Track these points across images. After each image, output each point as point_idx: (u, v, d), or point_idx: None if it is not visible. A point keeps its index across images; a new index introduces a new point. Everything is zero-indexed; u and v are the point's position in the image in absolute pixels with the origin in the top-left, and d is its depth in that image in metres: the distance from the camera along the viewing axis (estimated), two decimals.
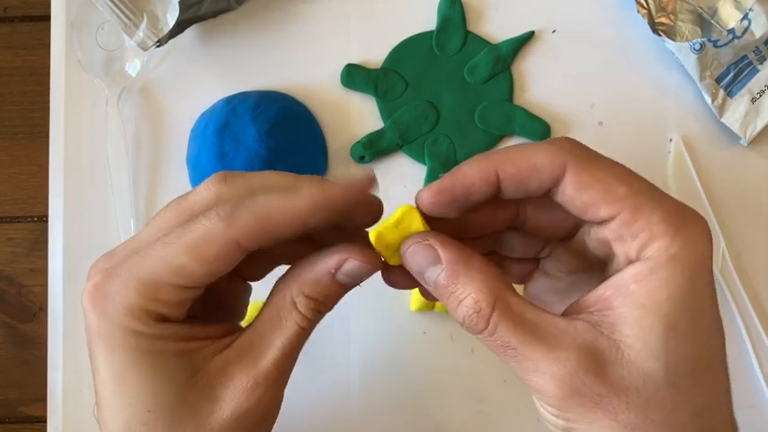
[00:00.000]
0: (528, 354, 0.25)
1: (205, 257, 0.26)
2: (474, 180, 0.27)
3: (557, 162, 0.26)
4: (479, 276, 0.26)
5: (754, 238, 0.44)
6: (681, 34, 0.43)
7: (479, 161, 0.27)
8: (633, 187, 0.26)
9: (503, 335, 0.26)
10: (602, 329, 0.25)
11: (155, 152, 0.45)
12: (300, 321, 0.28)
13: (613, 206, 0.26)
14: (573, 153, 0.26)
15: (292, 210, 0.26)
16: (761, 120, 0.43)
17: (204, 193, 0.28)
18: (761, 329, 0.42)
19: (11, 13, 0.48)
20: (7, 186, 0.47)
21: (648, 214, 0.26)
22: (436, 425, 0.44)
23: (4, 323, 0.47)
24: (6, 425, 0.46)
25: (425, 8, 0.45)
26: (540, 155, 0.27)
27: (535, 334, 0.25)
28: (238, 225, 0.26)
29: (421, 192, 0.28)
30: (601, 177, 0.26)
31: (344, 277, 0.28)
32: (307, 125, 0.44)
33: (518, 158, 0.27)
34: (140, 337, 0.27)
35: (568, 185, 0.26)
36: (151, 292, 0.26)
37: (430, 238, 0.27)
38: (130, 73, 0.45)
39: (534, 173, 0.26)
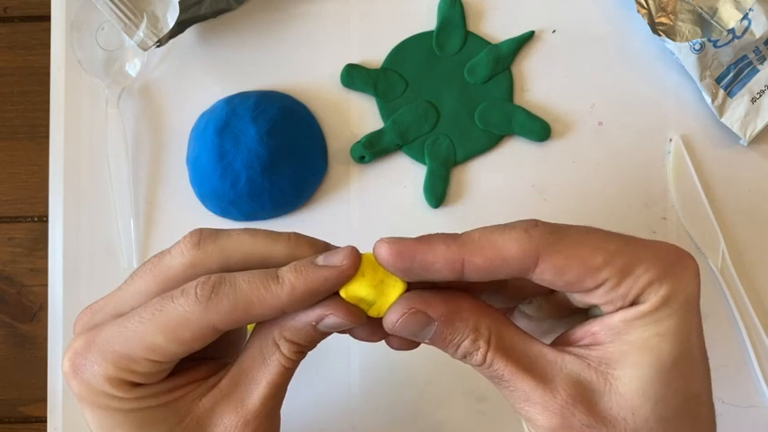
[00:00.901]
0: (519, 385, 0.26)
1: (180, 339, 0.26)
2: (436, 262, 0.26)
3: (527, 253, 0.25)
4: (472, 318, 0.27)
5: (754, 238, 0.44)
6: (681, 34, 0.43)
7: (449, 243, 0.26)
8: (609, 251, 0.25)
9: (497, 368, 0.26)
10: (590, 362, 0.26)
11: (155, 152, 0.45)
12: (284, 361, 0.28)
13: (596, 278, 0.25)
14: (541, 239, 0.25)
15: (272, 302, 0.26)
16: (761, 120, 0.43)
17: (178, 258, 0.27)
18: (761, 329, 0.42)
19: (11, 13, 0.48)
20: (7, 186, 0.47)
21: (632, 272, 0.25)
22: (436, 425, 0.44)
23: (4, 323, 0.47)
24: (6, 425, 0.46)
25: (425, 8, 0.45)
26: (508, 245, 0.25)
27: (526, 366, 0.26)
28: (215, 311, 0.26)
29: (380, 243, 0.26)
30: (576, 255, 0.25)
31: (326, 328, 0.27)
32: (307, 125, 0.44)
33: (487, 249, 0.25)
34: (122, 401, 0.27)
35: (546, 272, 0.26)
36: (126, 365, 0.27)
37: (414, 304, 0.26)
38: (130, 73, 0.45)
39: (504, 265, 0.26)
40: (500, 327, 0.27)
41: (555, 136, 0.44)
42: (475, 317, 0.27)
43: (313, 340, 0.28)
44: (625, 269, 0.25)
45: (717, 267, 0.43)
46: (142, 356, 0.26)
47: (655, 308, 0.25)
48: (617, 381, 0.25)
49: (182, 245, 0.27)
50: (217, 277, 0.26)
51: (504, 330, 0.27)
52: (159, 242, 0.45)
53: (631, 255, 0.26)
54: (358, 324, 0.27)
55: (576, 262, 0.25)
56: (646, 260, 0.25)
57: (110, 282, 0.44)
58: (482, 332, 0.26)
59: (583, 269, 0.25)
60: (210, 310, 0.26)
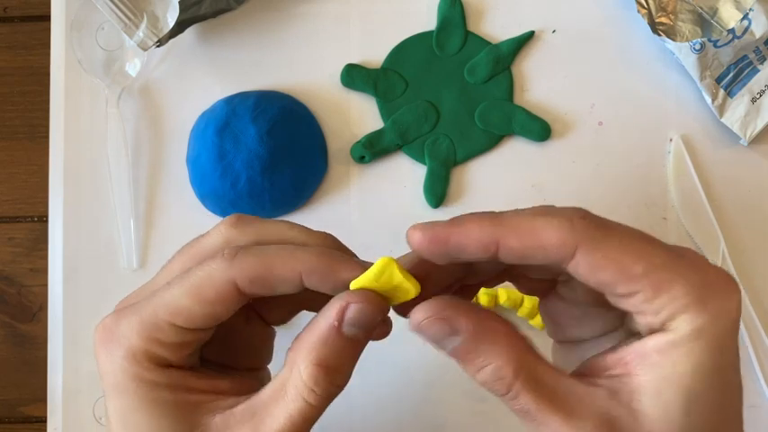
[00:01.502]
0: (546, 421, 0.25)
1: (204, 298, 0.26)
2: (471, 242, 0.25)
3: (567, 243, 0.24)
4: (501, 344, 0.25)
5: (754, 238, 0.44)
6: (681, 34, 0.43)
7: (484, 224, 0.25)
8: (652, 263, 0.24)
9: (523, 402, 0.25)
10: (620, 397, 0.25)
11: (155, 152, 0.45)
12: (308, 396, 0.26)
13: (631, 286, 0.24)
14: (585, 232, 0.24)
15: (293, 265, 0.26)
16: (761, 120, 0.43)
17: (215, 238, 0.28)
18: (761, 329, 0.42)
19: (11, 13, 0.48)
20: (7, 186, 0.47)
21: (670, 290, 0.24)
22: (436, 425, 0.44)
23: (4, 323, 0.47)
24: (6, 425, 0.46)
25: (425, 8, 0.45)
26: (548, 232, 0.24)
27: (554, 402, 0.25)
28: (238, 268, 0.26)
29: (412, 230, 0.26)
30: (615, 257, 0.24)
31: (350, 328, 0.26)
32: (307, 125, 0.44)
33: (525, 232, 0.25)
34: (140, 383, 0.27)
35: (581, 266, 0.25)
36: (151, 333, 0.27)
37: (446, 309, 0.25)
38: (130, 73, 0.45)
39: (540, 251, 0.25)
40: (530, 358, 0.25)
41: (555, 136, 0.44)
42: (506, 343, 0.25)
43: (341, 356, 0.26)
44: (662, 285, 0.24)
45: None
46: (166, 320, 0.26)
47: (688, 338, 0.24)
48: (646, 418, 0.24)
49: (220, 226, 0.28)
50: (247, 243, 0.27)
51: (535, 363, 0.25)
52: (159, 242, 0.45)
53: (673, 272, 0.24)
54: (380, 310, 0.26)
55: (614, 265, 0.24)
56: (687, 282, 0.24)
57: (110, 282, 0.44)
58: (510, 360, 0.25)
59: (619, 274, 0.24)
60: (234, 266, 0.26)
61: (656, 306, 0.24)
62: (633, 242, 0.25)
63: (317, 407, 0.27)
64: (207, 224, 0.44)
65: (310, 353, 0.26)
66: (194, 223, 0.44)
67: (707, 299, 0.24)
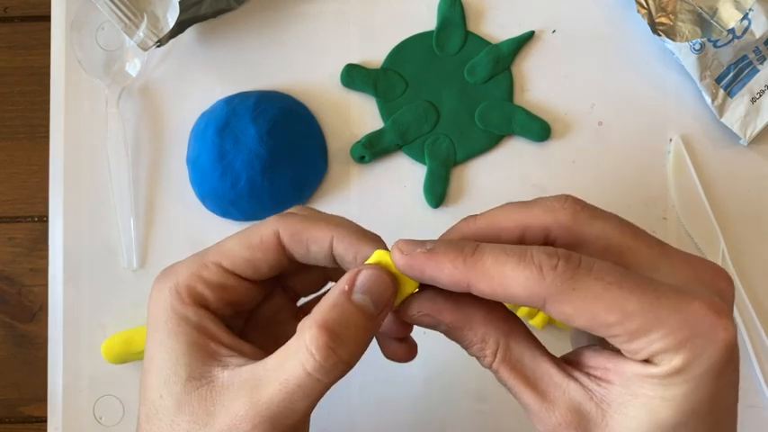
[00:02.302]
0: (521, 397, 0.27)
1: (249, 243, 0.29)
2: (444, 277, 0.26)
3: (535, 295, 0.25)
4: (482, 329, 0.27)
5: (754, 238, 0.44)
6: (681, 34, 0.43)
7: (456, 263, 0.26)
8: (625, 311, 0.24)
9: (502, 376, 0.27)
10: (593, 395, 0.26)
11: (155, 152, 0.45)
12: (307, 362, 0.26)
13: (606, 332, 0.25)
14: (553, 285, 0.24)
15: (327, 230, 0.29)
16: (761, 120, 0.43)
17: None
18: (761, 329, 0.42)
19: (11, 13, 0.48)
20: (7, 186, 0.47)
21: (647, 335, 0.24)
22: (436, 425, 0.44)
23: (4, 323, 0.47)
24: (6, 425, 0.46)
25: (425, 8, 0.45)
26: (517, 282, 0.25)
27: (530, 381, 0.27)
28: (282, 222, 0.29)
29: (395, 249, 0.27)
30: (586, 310, 0.24)
31: (360, 295, 0.27)
32: (307, 125, 0.44)
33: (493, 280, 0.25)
34: (173, 315, 0.29)
35: (552, 314, 0.25)
36: (197, 270, 0.29)
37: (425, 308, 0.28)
38: (130, 73, 0.45)
39: (509, 298, 0.25)
40: (510, 340, 0.27)
41: (555, 136, 0.44)
42: (484, 328, 0.27)
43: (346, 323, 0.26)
44: (638, 332, 0.24)
45: None
46: (213, 260, 0.29)
47: (666, 374, 0.24)
48: (613, 421, 0.26)
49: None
50: None
51: (515, 344, 0.27)
52: (159, 242, 0.45)
53: (651, 317, 0.24)
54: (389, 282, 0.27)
55: (586, 316, 0.24)
56: (667, 325, 0.24)
57: (110, 282, 0.44)
58: (490, 344, 0.27)
59: (591, 323, 0.25)
60: (279, 221, 0.30)
61: (633, 348, 0.25)
62: (607, 289, 0.24)
63: (317, 378, 0.26)
64: (207, 224, 0.44)
65: (317, 315, 0.26)
66: (194, 223, 0.45)
67: (687, 343, 0.24)
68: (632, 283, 0.24)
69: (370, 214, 0.44)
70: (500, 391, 0.28)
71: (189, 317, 0.29)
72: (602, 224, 0.27)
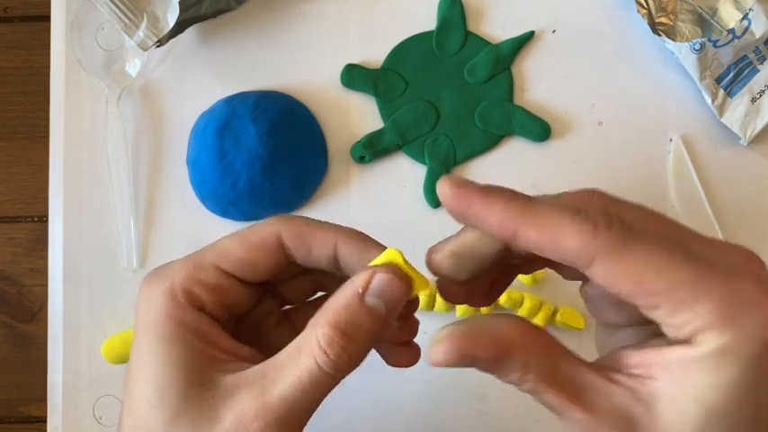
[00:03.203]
0: (570, 415, 0.25)
1: (249, 243, 0.29)
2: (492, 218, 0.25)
3: (585, 252, 0.24)
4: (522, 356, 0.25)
5: (754, 238, 0.44)
6: (681, 34, 0.43)
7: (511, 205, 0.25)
8: (674, 279, 0.23)
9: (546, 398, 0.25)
10: (639, 397, 0.24)
11: (155, 152, 0.45)
12: (319, 357, 0.26)
13: (651, 300, 0.24)
14: (607, 243, 0.24)
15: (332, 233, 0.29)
16: (761, 120, 0.43)
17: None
18: None
19: (11, 13, 0.48)
20: (7, 186, 0.47)
21: (693, 307, 0.23)
22: (436, 425, 0.44)
23: (4, 323, 0.47)
24: (6, 425, 0.46)
25: (425, 8, 0.45)
26: (569, 237, 0.24)
27: (576, 397, 0.24)
28: (284, 223, 0.29)
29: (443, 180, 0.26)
30: (635, 272, 0.24)
31: (374, 299, 0.26)
32: (307, 125, 0.44)
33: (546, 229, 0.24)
34: (169, 319, 0.28)
35: (598, 274, 0.24)
36: (195, 272, 0.28)
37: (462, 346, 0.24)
38: (130, 73, 0.45)
39: (557, 251, 0.24)
40: (551, 359, 0.25)
41: (555, 136, 0.45)
42: (525, 354, 0.25)
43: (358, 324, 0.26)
44: (685, 302, 0.23)
45: None
46: (211, 262, 0.29)
47: (712, 355, 0.23)
48: (663, 419, 0.24)
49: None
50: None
51: (555, 361, 0.25)
52: (159, 242, 0.45)
53: (698, 288, 0.23)
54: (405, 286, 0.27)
55: (633, 279, 0.24)
56: (712, 298, 0.23)
57: (110, 282, 0.44)
58: (532, 368, 0.25)
59: (637, 288, 0.24)
60: (280, 222, 0.29)
61: (678, 321, 0.24)
62: (659, 255, 0.24)
63: (329, 373, 0.26)
64: (207, 224, 0.44)
65: (330, 315, 0.26)
66: (194, 223, 0.45)
67: (734, 318, 0.23)
68: (683, 253, 0.24)
69: (370, 214, 0.44)
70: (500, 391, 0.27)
71: (187, 321, 0.28)
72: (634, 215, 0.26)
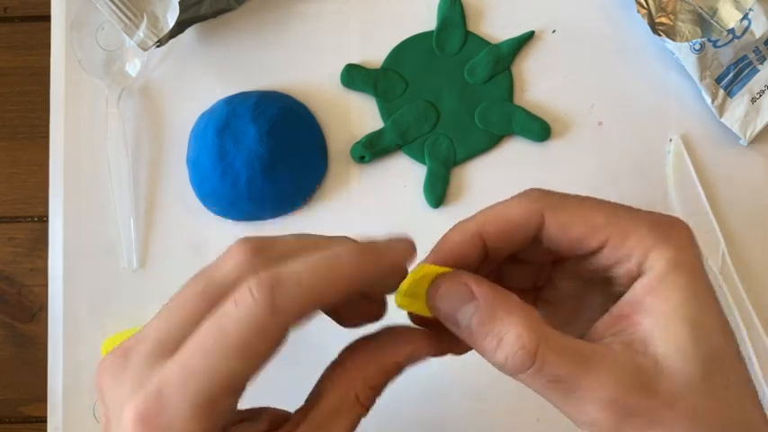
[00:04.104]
0: (578, 383, 0.24)
1: (257, 352, 0.23)
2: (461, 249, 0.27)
3: (533, 212, 0.27)
4: (519, 311, 0.25)
5: (754, 238, 0.44)
6: (681, 34, 0.43)
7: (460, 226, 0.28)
8: (611, 212, 0.27)
9: (552, 368, 0.24)
10: (636, 347, 0.25)
11: (155, 152, 0.45)
12: (363, 411, 0.27)
13: (600, 234, 0.27)
14: (546, 200, 0.27)
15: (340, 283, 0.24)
16: (761, 120, 0.43)
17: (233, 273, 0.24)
18: (761, 329, 0.42)
19: (11, 13, 0.48)
20: (7, 186, 0.47)
21: (636, 231, 0.26)
22: (436, 424, 0.44)
23: (4, 323, 0.47)
24: (6, 425, 0.46)
25: (425, 8, 0.45)
26: (514, 208, 0.28)
27: (584, 362, 0.25)
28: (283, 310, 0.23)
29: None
30: (579, 213, 0.27)
31: (409, 363, 0.27)
32: (307, 125, 0.44)
33: (497, 217, 0.28)
34: None
35: (551, 229, 0.27)
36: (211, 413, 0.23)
37: (462, 276, 0.26)
38: (130, 73, 0.45)
39: (514, 227, 0.27)
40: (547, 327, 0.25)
41: (555, 136, 0.45)
42: (521, 311, 0.25)
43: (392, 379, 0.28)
44: (628, 229, 0.26)
45: (717, 267, 0.43)
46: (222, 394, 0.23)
47: (667, 270, 0.26)
48: (664, 358, 0.25)
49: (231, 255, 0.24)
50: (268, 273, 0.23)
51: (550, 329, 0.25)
52: (159, 242, 0.45)
53: (632, 217, 0.27)
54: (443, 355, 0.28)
55: (579, 219, 0.27)
56: (645, 224, 0.26)
57: (110, 282, 0.44)
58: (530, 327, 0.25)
59: (586, 226, 0.27)
60: (278, 311, 0.23)
61: (627, 249, 0.26)
62: (588, 201, 0.28)
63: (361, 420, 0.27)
64: (207, 224, 0.44)
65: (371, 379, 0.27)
66: (194, 223, 0.45)
67: (669, 234, 0.26)
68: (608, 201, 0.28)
69: (371, 214, 0.44)
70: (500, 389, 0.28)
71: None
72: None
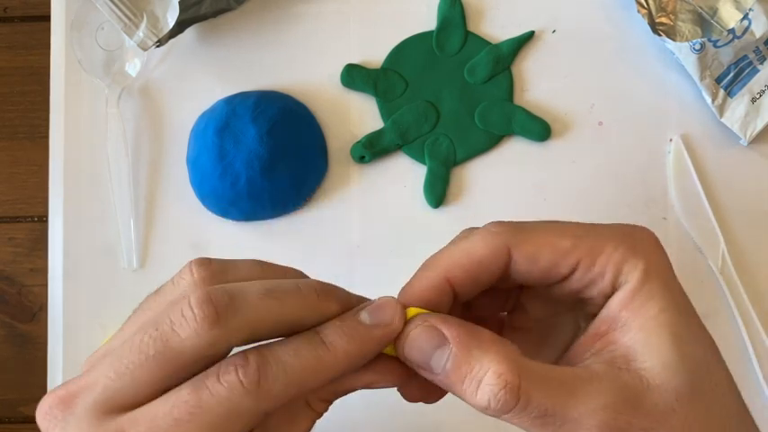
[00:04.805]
0: (568, 414, 0.24)
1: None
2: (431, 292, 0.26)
3: (497, 248, 0.26)
4: (494, 347, 0.24)
5: (754, 238, 0.44)
6: (681, 34, 0.43)
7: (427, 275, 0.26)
8: (577, 234, 0.26)
9: (538, 403, 0.23)
10: (619, 365, 0.25)
11: (155, 152, 0.45)
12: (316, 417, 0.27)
13: (570, 259, 0.26)
14: (509, 234, 0.26)
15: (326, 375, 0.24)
16: (761, 120, 0.43)
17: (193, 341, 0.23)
18: (761, 329, 0.42)
19: (11, 13, 0.48)
20: (7, 186, 0.47)
21: (604, 248, 0.26)
22: (436, 425, 0.44)
23: (4, 323, 0.47)
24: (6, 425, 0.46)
25: (425, 8, 0.45)
26: (479, 248, 0.26)
27: (566, 391, 0.24)
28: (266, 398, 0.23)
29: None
30: (544, 241, 0.26)
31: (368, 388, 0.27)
32: (307, 125, 0.44)
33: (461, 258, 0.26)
34: None
35: (520, 263, 0.26)
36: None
37: (429, 319, 0.25)
38: (130, 73, 0.45)
39: (480, 267, 0.26)
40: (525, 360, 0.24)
41: (555, 136, 0.44)
42: (497, 347, 0.24)
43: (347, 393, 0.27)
44: (594, 248, 0.26)
45: (717, 267, 0.43)
46: None
47: (641, 282, 0.25)
48: (649, 373, 0.24)
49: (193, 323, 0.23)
50: (257, 357, 0.23)
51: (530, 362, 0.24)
52: (159, 242, 0.45)
53: (596, 236, 0.26)
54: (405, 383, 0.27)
55: (546, 247, 0.26)
56: (612, 239, 0.26)
57: (110, 282, 0.44)
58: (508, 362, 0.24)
59: (554, 253, 0.26)
60: (262, 398, 0.23)
61: (598, 269, 0.26)
62: (552, 226, 0.27)
63: None
64: (207, 224, 0.44)
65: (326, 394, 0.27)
66: (194, 223, 0.45)
67: (635, 245, 0.26)
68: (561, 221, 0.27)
69: (370, 214, 0.44)
70: None
71: None
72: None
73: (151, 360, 0.23)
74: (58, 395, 0.24)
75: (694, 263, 0.43)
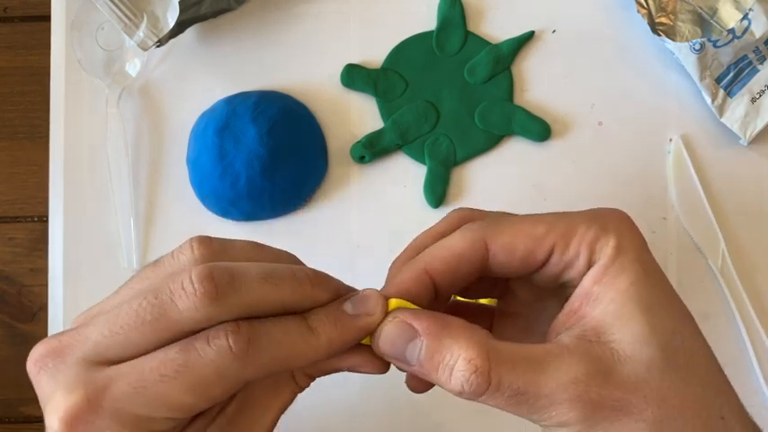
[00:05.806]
0: (540, 390, 0.24)
1: (210, 396, 0.24)
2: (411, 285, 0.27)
3: (475, 242, 0.27)
4: (463, 334, 0.25)
5: (754, 238, 0.44)
6: (681, 34, 0.43)
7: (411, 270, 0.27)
8: (550, 221, 0.27)
9: (510, 383, 0.24)
10: (589, 338, 0.25)
11: (155, 152, 0.45)
12: (298, 390, 0.29)
13: (545, 244, 0.27)
14: (484, 227, 0.27)
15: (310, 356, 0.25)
16: (761, 120, 0.43)
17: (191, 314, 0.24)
18: (761, 329, 0.42)
19: (11, 13, 0.48)
20: (7, 186, 0.47)
21: (575, 231, 0.27)
22: (436, 425, 0.44)
23: (4, 323, 0.47)
24: (6, 425, 0.46)
25: (425, 8, 0.45)
26: (457, 243, 0.27)
27: (537, 368, 0.25)
28: (253, 366, 0.24)
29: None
30: (520, 230, 0.27)
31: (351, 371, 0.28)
32: (307, 125, 0.44)
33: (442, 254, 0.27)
34: None
35: (498, 254, 0.27)
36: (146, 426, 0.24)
37: (399, 314, 0.26)
38: (130, 73, 0.45)
39: (460, 261, 0.27)
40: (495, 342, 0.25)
41: (555, 136, 0.45)
42: (467, 334, 0.25)
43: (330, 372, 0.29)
44: (567, 231, 0.27)
45: (717, 267, 0.43)
46: (164, 416, 0.24)
47: (614, 258, 0.26)
48: (619, 344, 0.25)
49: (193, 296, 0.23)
50: (249, 327, 0.24)
51: (499, 344, 0.25)
52: (159, 242, 0.45)
53: (568, 220, 0.27)
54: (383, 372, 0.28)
55: (522, 236, 0.27)
56: (584, 221, 0.27)
57: (110, 282, 0.44)
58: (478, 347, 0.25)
59: (529, 240, 0.27)
60: (248, 365, 0.24)
61: (573, 250, 0.27)
62: (524, 217, 0.28)
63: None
64: (207, 224, 0.44)
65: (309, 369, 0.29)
66: (194, 223, 0.45)
67: (607, 224, 0.27)
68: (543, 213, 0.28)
69: (370, 214, 0.45)
70: None
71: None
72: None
73: (147, 325, 0.24)
74: (51, 345, 0.25)
75: (694, 263, 0.44)
